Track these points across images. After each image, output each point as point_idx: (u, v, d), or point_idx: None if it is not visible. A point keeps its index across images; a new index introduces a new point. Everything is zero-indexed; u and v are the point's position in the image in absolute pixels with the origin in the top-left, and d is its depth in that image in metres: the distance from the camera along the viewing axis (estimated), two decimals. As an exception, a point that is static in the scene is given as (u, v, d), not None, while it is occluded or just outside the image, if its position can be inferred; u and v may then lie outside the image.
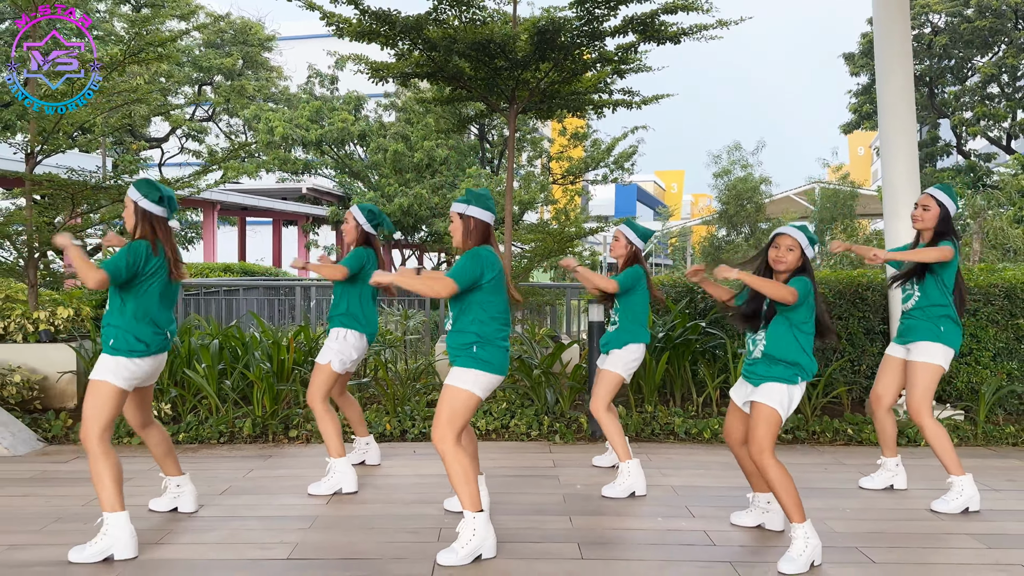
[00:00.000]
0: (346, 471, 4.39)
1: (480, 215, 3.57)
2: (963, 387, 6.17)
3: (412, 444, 5.58)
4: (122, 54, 6.84)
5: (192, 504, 4.03)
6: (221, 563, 3.40)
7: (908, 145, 6.44)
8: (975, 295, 6.25)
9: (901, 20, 6.52)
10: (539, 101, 7.45)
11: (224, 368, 6.14)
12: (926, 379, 4.19)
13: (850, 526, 3.93)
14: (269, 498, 4.30)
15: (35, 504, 4.20)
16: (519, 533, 3.73)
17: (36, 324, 6.45)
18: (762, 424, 3.39)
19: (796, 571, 3.27)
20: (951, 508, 4.13)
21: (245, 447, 5.47)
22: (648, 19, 6.66)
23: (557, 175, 26.35)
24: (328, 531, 3.79)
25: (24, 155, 6.88)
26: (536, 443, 5.65)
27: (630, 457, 4.43)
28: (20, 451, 5.33)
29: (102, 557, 3.39)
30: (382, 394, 6.30)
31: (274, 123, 21.92)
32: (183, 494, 4.03)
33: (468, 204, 3.58)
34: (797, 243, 3.44)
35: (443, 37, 6.35)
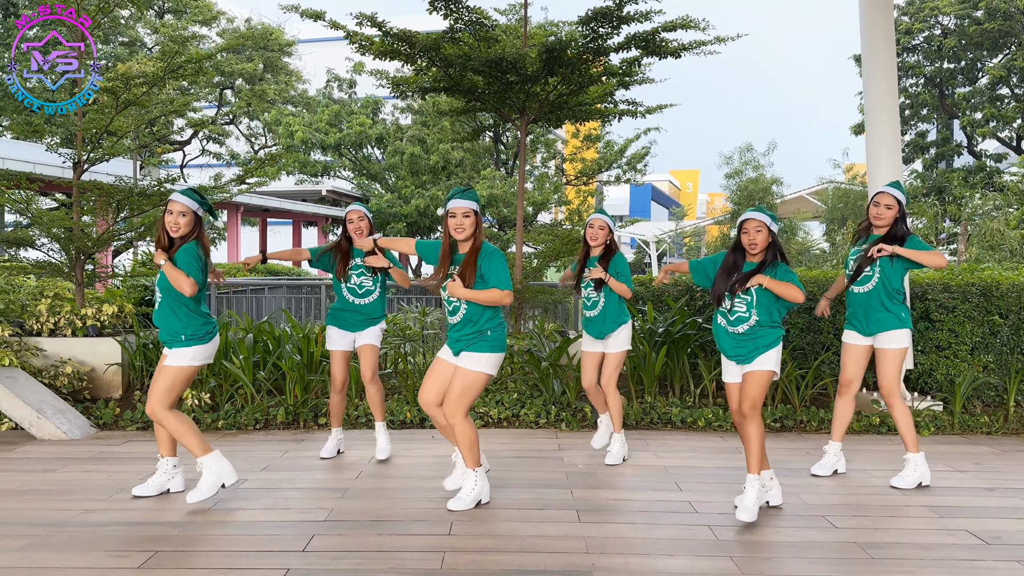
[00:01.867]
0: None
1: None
2: (942, 379, 6.61)
3: (431, 431, 6.10)
4: (163, 71, 7.40)
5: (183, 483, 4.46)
6: (270, 524, 3.94)
7: (892, 150, 6.87)
8: (954, 293, 6.69)
9: (885, 31, 6.94)
10: (548, 112, 7.96)
11: (258, 360, 6.68)
12: (898, 363, 4.64)
13: (820, 499, 4.41)
14: (304, 474, 4.85)
15: (99, 478, 4.76)
16: (526, 502, 4.24)
17: (84, 320, 7.02)
18: (760, 386, 4.01)
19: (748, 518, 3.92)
20: (908, 483, 4.61)
21: (279, 432, 6.02)
22: (649, 36, 7.16)
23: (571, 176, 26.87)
24: (358, 500, 4.33)
25: (72, 164, 7.46)
26: (544, 430, 6.15)
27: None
28: (76, 435, 5.90)
29: (215, 491, 4.11)
30: (403, 385, 6.83)
31: (294, 127, 22.56)
32: (176, 475, 4.45)
33: (479, 205, 4.08)
34: (763, 224, 4.01)
35: (459, 55, 6.87)
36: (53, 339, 6.87)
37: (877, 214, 4.60)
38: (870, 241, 4.67)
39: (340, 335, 5.10)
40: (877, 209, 4.60)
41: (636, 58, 7.64)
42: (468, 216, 4.01)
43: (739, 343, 4.09)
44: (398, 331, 7.48)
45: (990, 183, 24.60)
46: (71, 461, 5.17)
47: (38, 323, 7.01)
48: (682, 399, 6.71)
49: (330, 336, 5.12)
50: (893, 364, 4.64)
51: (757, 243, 4.00)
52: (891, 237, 4.59)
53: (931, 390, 6.76)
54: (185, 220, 4.13)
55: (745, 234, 4.04)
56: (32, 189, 7.63)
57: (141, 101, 7.52)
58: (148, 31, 27.09)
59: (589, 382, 5.16)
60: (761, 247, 4.02)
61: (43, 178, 8.22)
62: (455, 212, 4.02)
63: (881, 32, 6.98)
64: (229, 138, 30.30)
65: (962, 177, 25.19)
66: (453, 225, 4.01)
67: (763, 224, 4.02)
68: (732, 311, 4.10)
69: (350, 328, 5.10)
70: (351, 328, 5.10)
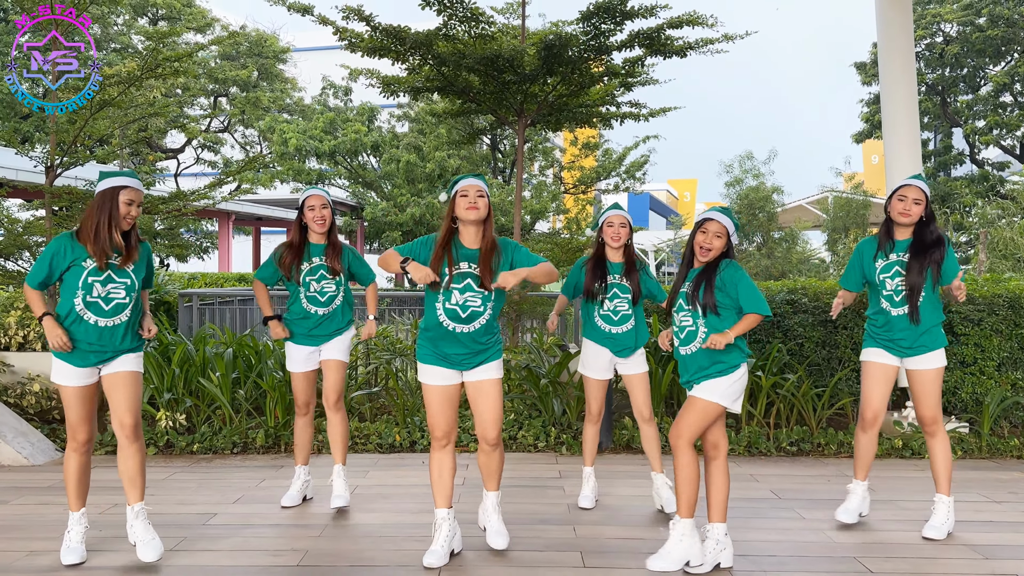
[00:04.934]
0: None
1: None
2: (967, 398, 6.20)
3: (421, 455, 5.68)
4: (140, 69, 7.00)
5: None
6: (234, 569, 3.50)
7: (912, 155, 6.51)
8: (979, 305, 6.28)
9: (904, 34, 6.59)
10: (547, 114, 7.58)
11: (238, 377, 6.26)
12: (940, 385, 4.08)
13: (849, 537, 3.98)
14: (279, 507, 4.40)
15: (53, 512, 4.32)
16: (522, 542, 3.81)
17: (55, 334, 6.59)
18: (697, 415, 3.48)
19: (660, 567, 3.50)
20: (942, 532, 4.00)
21: (258, 457, 5.58)
22: (654, 33, 6.78)
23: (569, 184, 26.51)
24: (337, 539, 3.89)
25: (44, 168, 7.05)
26: (543, 454, 5.73)
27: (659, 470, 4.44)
28: (39, 460, 5.46)
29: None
30: (392, 405, 6.40)
31: (288, 134, 22.19)
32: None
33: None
34: (725, 230, 3.49)
35: (452, 52, 6.48)
36: (21, 354, 6.45)
37: (904, 209, 3.94)
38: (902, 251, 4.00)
39: (301, 353, 4.29)
40: (903, 204, 3.94)
41: (639, 57, 7.26)
42: (482, 196, 3.48)
43: (685, 363, 3.56)
44: (388, 345, 7.05)
45: (994, 191, 24.28)
46: (27, 491, 4.74)
47: (6, 336, 6.59)
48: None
49: (289, 355, 4.32)
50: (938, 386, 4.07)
51: (713, 248, 3.48)
52: (925, 244, 3.97)
53: (956, 410, 6.34)
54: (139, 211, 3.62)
55: (703, 233, 3.51)
56: (1, 195, 7.22)
57: (118, 102, 7.12)
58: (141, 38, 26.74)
59: (599, 409, 4.43)
60: (715, 253, 3.51)
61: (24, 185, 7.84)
62: (467, 191, 3.47)
63: (899, 32, 6.61)
64: (224, 146, 29.91)
65: (965, 185, 24.88)
66: (465, 204, 3.45)
67: (725, 231, 3.49)
68: (680, 326, 3.57)
69: (313, 342, 4.29)
70: (314, 342, 4.29)
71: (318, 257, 4.24)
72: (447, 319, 3.50)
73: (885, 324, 4.05)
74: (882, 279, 4.05)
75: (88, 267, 3.48)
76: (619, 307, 4.26)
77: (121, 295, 3.54)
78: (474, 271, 3.50)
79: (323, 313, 4.25)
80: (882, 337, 4.08)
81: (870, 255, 4.12)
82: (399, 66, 7.21)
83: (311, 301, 4.23)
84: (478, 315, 3.50)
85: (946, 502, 4.04)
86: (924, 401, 4.03)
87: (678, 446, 3.49)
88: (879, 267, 4.07)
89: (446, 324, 3.51)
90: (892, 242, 4.05)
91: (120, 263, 3.55)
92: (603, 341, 4.31)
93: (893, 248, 4.04)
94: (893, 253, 4.04)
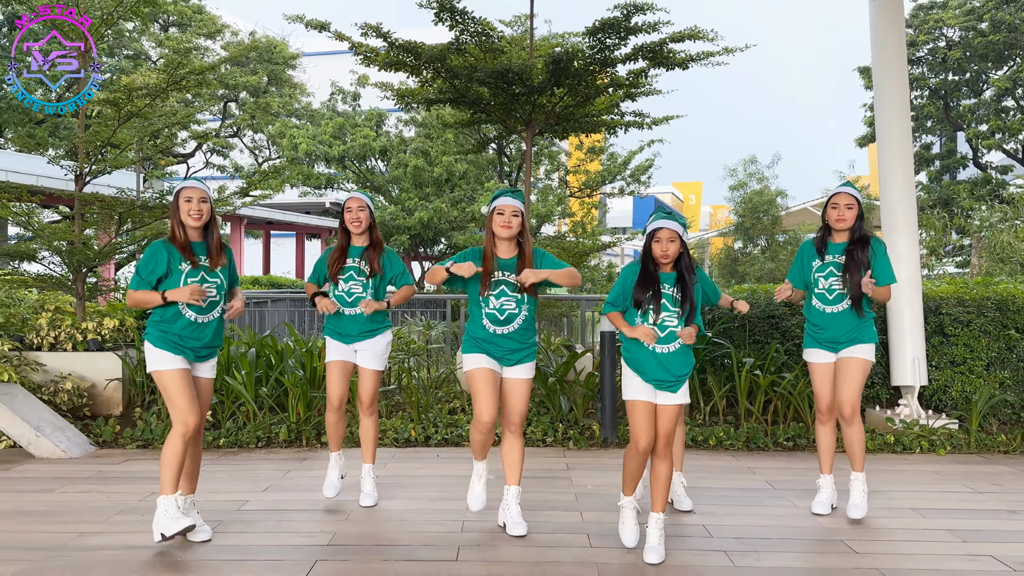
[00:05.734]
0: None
1: None
2: (957, 396, 6.47)
3: (435, 449, 5.98)
4: (165, 81, 7.33)
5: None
6: (270, 548, 3.82)
7: (904, 163, 6.78)
8: (969, 307, 6.56)
9: (896, 44, 6.87)
10: (554, 123, 7.88)
11: (260, 376, 6.57)
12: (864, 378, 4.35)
13: (838, 523, 4.28)
14: (307, 495, 4.72)
15: (97, 499, 4.64)
16: (534, 526, 4.11)
17: (84, 334, 6.92)
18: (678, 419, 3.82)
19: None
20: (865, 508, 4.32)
21: (281, 451, 5.90)
22: (657, 47, 7.08)
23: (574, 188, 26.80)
24: (362, 523, 4.21)
25: (74, 176, 7.38)
26: (551, 448, 6.03)
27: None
28: (75, 453, 5.78)
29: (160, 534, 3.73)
30: (407, 401, 6.71)
31: (298, 139, 22.53)
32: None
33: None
34: (677, 234, 3.71)
35: (465, 66, 6.79)
36: (53, 353, 6.76)
37: (839, 216, 4.25)
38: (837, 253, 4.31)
39: (337, 347, 4.45)
40: (837, 211, 4.26)
41: (643, 69, 7.57)
42: (517, 215, 3.90)
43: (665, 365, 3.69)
44: (402, 345, 7.36)
45: (996, 195, 24.48)
46: (69, 481, 5.06)
47: (38, 337, 6.92)
48: (692, 417, 6.58)
49: (328, 347, 4.49)
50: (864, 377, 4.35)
51: (669, 254, 3.69)
52: (860, 240, 4.26)
53: (946, 407, 6.62)
54: (207, 207, 3.90)
55: (657, 243, 3.68)
56: (33, 202, 7.55)
57: (144, 113, 7.45)
58: (153, 44, 27.14)
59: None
60: (672, 258, 3.72)
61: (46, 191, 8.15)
62: (503, 209, 3.89)
63: (892, 44, 6.89)
64: (233, 151, 30.29)
65: (967, 189, 25.09)
66: (500, 222, 3.88)
67: (676, 234, 3.68)
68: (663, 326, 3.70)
69: (346, 340, 4.42)
70: (347, 339, 4.42)
71: (353, 258, 4.42)
72: (489, 323, 3.93)
73: (821, 320, 4.34)
74: (816, 278, 4.38)
75: (185, 269, 3.83)
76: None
77: (213, 293, 3.90)
78: (508, 278, 3.93)
79: (350, 313, 4.40)
80: (820, 336, 4.37)
81: (810, 256, 4.45)
82: (412, 79, 7.52)
83: (339, 300, 4.40)
84: (515, 316, 3.93)
85: (861, 479, 4.38)
86: (847, 387, 4.27)
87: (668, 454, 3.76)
88: (815, 267, 4.40)
89: (488, 327, 3.94)
90: (827, 244, 4.38)
91: (210, 265, 3.89)
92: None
93: (828, 250, 4.36)
94: (829, 255, 4.36)
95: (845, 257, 4.28)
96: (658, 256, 3.71)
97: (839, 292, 4.30)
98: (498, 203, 3.92)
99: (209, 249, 3.93)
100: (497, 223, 3.89)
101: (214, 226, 3.97)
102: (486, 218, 3.98)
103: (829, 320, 4.32)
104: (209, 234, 3.95)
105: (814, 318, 4.41)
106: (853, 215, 4.26)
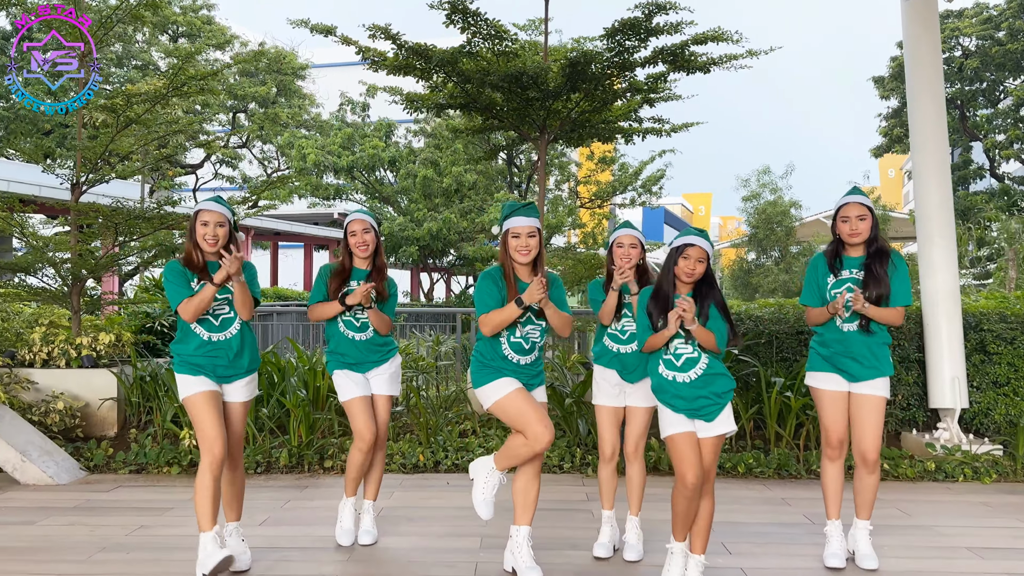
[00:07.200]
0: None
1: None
2: (1000, 420, 6.07)
3: (445, 475, 5.62)
4: (166, 87, 7.03)
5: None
6: (262, 595, 3.46)
7: (941, 171, 6.43)
8: (1012, 323, 6.17)
9: (931, 49, 6.53)
10: (569, 130, 7.55)
11: (261, 395, 6.23)
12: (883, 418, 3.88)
13: (891, 564, 3.88)
14: (307, 529, 4.36)
15: (79, 533, 4.29)
16: (551, 569, 3.73)
17: (79, 350, 6.61)
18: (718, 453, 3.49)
19: None
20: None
21: (281, 477, 5.55)
22: (678, 50, 6.74)
23: (585, 199, 26.47)
24: (365, 564, 3.84)
25: (70, 185, 7.09)
26: (569, 475, 5.65)
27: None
28: (63, 480, 5.44)
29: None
30: (414, 423, 6.36)
31: (307, 149, 22.32)
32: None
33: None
34: (707, 255, 3.39)
35: (477, 70, 6.47)
36: (46, 371, 6.45)
37: (852, 231, 3.78)
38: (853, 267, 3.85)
39: (352, 381, 4.02)
40: (849, 225, 3.79)
41: (662, 73, 7.23)
42: (534, 236, 3.53)
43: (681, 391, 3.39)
44: (411, 362, 7.01)
45: (1015, 206, 24.03)
46: (53, 511, 4.71)
47: (30, 353, 6.61)
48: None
49: (340, 385, 4.02)
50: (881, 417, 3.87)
51: (696, 274, 3.38)
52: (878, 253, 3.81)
53: (988, 431, 6.22)
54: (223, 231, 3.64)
55: (685, 259, 3.39)
56: (26, 211, 7.26)
57: (144, 120, 7.16)
58: (162, 55, 27.03)
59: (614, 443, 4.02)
60: (696, 279, 3.41)
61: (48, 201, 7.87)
62: (518, 231, 3.52)
63: (926, 48, 6.54)
64: (242, 161, 30.12)
65: (985, 200, 24.64)
66: (515, 246, 3.52)
67: (707, 256, 3.39)
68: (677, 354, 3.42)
69: (360, 368, 4.06)
70: (361, 367, 4.06)
71: (357, 282, 4.03)
72: (512, 352, 3.57)
73: (838, 341, 3.83)
74: (833, 295, 3.87)
75: (195, 288, 3.61)
76: (627, 327, 3.91)
77: (226, 311, 3.67)
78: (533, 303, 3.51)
79: (360, 339, 4.04)
80: (835, 359, 3.85)
81: (823, 272, 3.96)
82: (422, 84, 7.21)
83: (347, 326, 4.04)
84: (536, 345, 3.63)
85: (868, 527, 3.92)
86: (870, 431, 3.79)
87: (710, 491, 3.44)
88: (830, 283, 3.91)
89: (511, 357, 3.56)
90: (841, 259, 3.90)
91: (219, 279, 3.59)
92: (611, 363, 3.95)
93: (843, 265, 3.89)
94: (844, 270, 3.88)
95: (864, 272, 3.82)
96: (682, 274, 3.38)
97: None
98: (512, 225, 3.53)
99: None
100: (513, 247, 3.53)
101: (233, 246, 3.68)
102: (500, 238, 3.61)
103: (847, 340, 3.81)
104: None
105: (828, 337, 3.88)
106: (867, 226, 3.78)
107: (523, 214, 3.53)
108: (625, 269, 3.72)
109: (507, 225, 3.54)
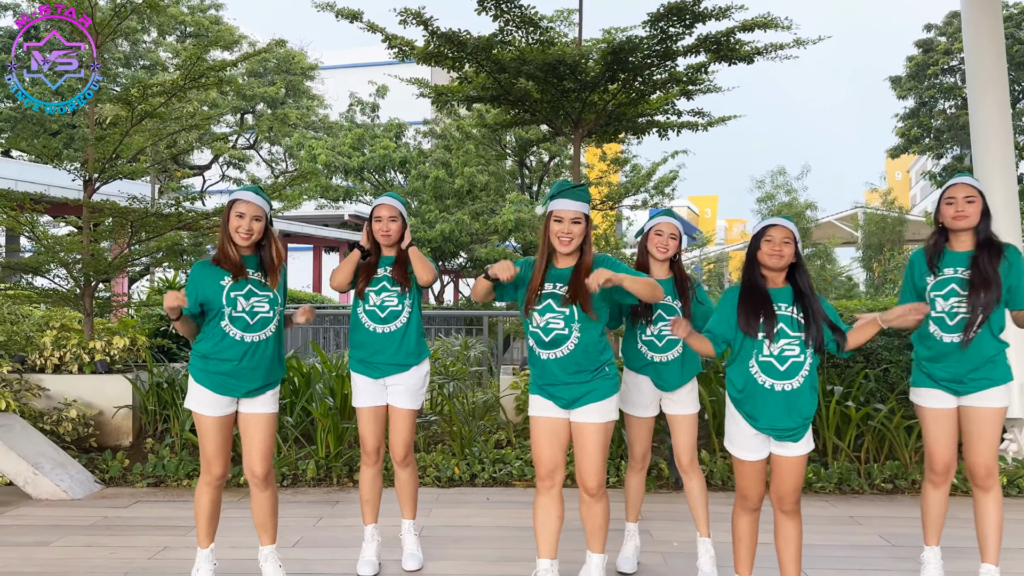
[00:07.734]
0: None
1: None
2: (1076, 430, 5.69)
3: (483, 489, 5.26)
4: (183, 78, 6.70)
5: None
6: (304, 631, 3.10)
7: (1005, 168, 6.08)
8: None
9: (994, 41, 6.17)
10: (605, 123, 7.20)
11: (285, 403, 5.88)
12: (999, 430, 3.43)
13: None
14: (343, 552, 4.00)
15: (99, 556, 3.94)
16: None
17: (92, 355, 6.27)
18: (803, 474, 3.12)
19: None
20: None
21: (310, 491, 5.19)
22: (723, 37, 6.39)
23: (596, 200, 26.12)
24: (413, 592, 3.49)
25: (82, 182, 6.76)
26: (612, 491, 5.24)
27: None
28: (78, 494, 5.10)
29: None
30: (446, 432, 6.00)
31: (317, 150, 22.02)
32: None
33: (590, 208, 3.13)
34: (793, 236, 2.99)
35: (513, 59, 6.13)
36: (57, 376, 6.12)
37: (957, 212, 3.33)
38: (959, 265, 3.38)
39: (367, 385, 3.67)
40: (955, 206, 3.33)
41: (703, 64, 6.87)
42: (579, 222, 3.10)
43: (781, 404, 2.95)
44: (440, 367, 6.65)
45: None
46: (69, 530, 4.36)
47: (41, 358, 6.28)
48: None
49: (355, 387, 3.72)
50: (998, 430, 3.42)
51: (784, 255, 2.96)
52: (986, 246, 3.35)
53: (1060, 442, 5.83)
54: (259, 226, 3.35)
55: (769, 242, 2.98)
56: (37, 210, 6.94)
57: (159, 113, 6.84)
58: (170, 55, 26.76)
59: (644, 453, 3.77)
60: (786, 264, 3.00)
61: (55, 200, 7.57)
62: (561, 215, 3.09)
63: (988, 36, 6.18)
64: (250, 163, 29.83)
65: None
66: (556, 231, 3.09)
67: (792, 236, 2.99)
68: (782, 355, 2.97)
69: (376, 373, 3.65)
70: (377, 372, 3.65)
71: (383, 268, 3.68)
72: (535, 344, 3.17)
73: (936, 354, 3.41)
74: (932, 298, 3.41)
75: (227, 284, 3.30)
76: (663, 331, 3.57)
77: (265, 308, 3.35)
78: (558, 290, 3.12)
79: (382, 331, 3.62)
80: (937, 373, 3.41)
81: (921, 271, 3.50)
82: (451, 74, 6.87)
83: (370, 316, 3.64)
84: (564, 339, 3.10)
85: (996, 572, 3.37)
86: (982, 446, 3.34)
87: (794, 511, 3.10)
88: (930, 284, 3.44)
89: (537, 351, 3.18)
90: (942, 254, 3.43)
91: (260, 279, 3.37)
92: (644, 370, 3.63)
93: (947, 261, 3.42)
94: (948, 268, 3.40)
95: (970, 270, 3.33)
96: (767, 259, 2.97)
97: (964, 315, 3.33)
98: (556, 207, 3.10)
99: (261, 264, 3.40)
100: (555, 232, 3.10)
101: (269, 242, 3.40)
102: (542, 220, 3.20)
103: (950, 352, 3.36)
104: (262, 248, 3.41)
105: (930, 348, 3.43)
106: (976, 210, 3.31)
107: (571, 196, 3.09)
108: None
109: (552, 206, 3.12)
